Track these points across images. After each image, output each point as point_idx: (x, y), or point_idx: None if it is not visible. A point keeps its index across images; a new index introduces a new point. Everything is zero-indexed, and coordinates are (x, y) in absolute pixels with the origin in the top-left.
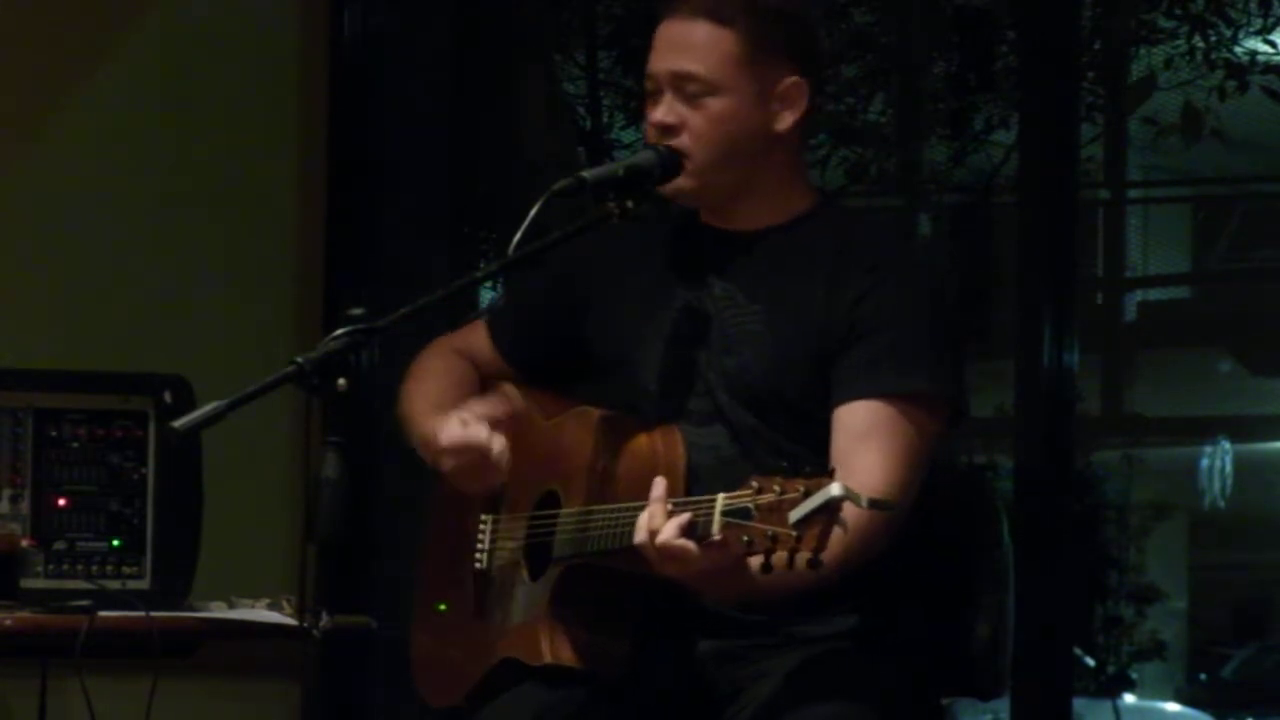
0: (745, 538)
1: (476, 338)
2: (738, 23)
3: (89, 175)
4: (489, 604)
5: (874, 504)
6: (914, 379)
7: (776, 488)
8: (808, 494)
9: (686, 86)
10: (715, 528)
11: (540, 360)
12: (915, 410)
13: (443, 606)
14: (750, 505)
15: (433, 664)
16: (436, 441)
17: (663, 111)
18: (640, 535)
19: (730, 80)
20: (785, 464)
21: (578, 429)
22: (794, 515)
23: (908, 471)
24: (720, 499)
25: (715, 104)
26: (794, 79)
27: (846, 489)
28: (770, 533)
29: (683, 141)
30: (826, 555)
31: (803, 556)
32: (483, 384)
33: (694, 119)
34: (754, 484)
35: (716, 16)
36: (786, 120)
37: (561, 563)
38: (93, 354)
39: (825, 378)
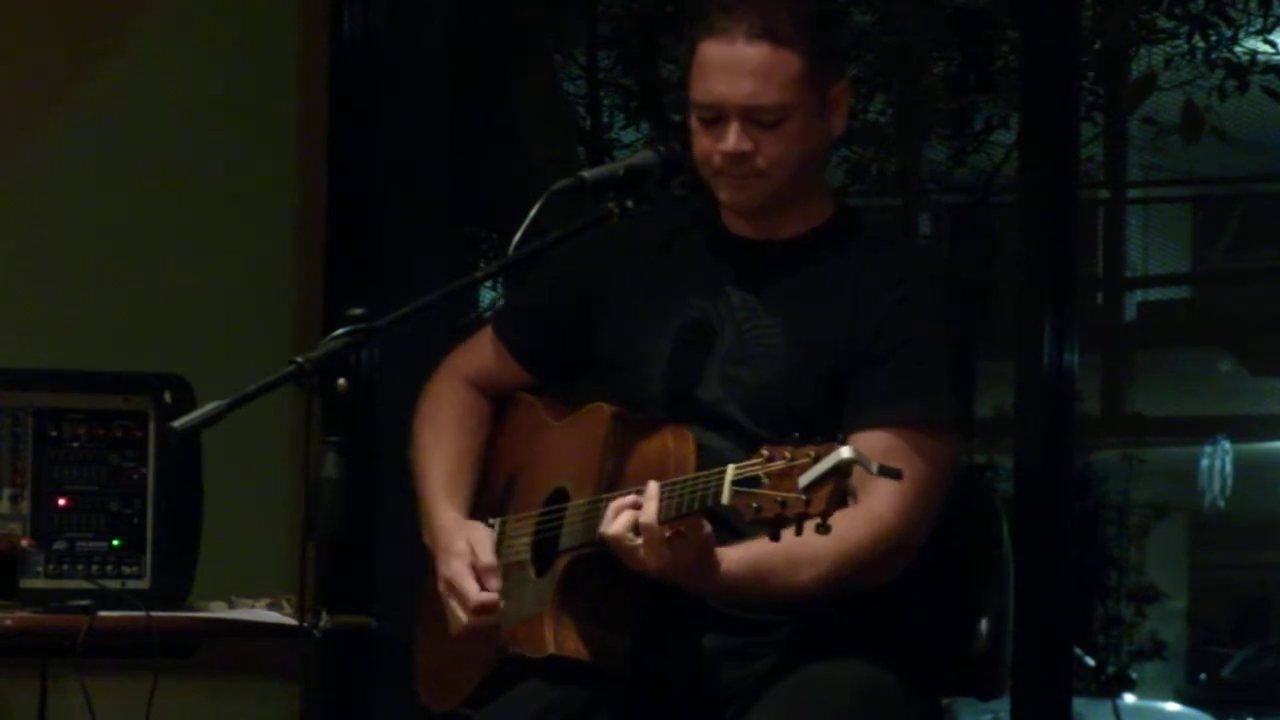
0: (755, 505)
1: (485, 348)
2: (795, 40)
3: (89, 175)
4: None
5: (884, 471)
6: (926, 409)
7: (787, 454)
8: (818, 459)
9: (760, 116)
10: (725, 496)
11: (552, 357)
12: (927, 439)
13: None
14: (760, 473)
15: (438, 670)
16: (442, 558)
17: (736, 140)
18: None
19: (799, 102)
20: (797, 434)
21: (589, 425)
22: (804, 479)
23: (920, 502)
24: (730, 468)
25: (789, 127)
26: (842, 82)
27: (857, 452)
28: (779, 498)
29: (758, 165)
30: (816, 571)
31: (811, 522)
32: (499, 400)
33: (768, 143)
34: (764, 452)
35: (774, 37)
36: (839, 124)
37: (568, 554)
38: (93, 354)
39: (839, 392)
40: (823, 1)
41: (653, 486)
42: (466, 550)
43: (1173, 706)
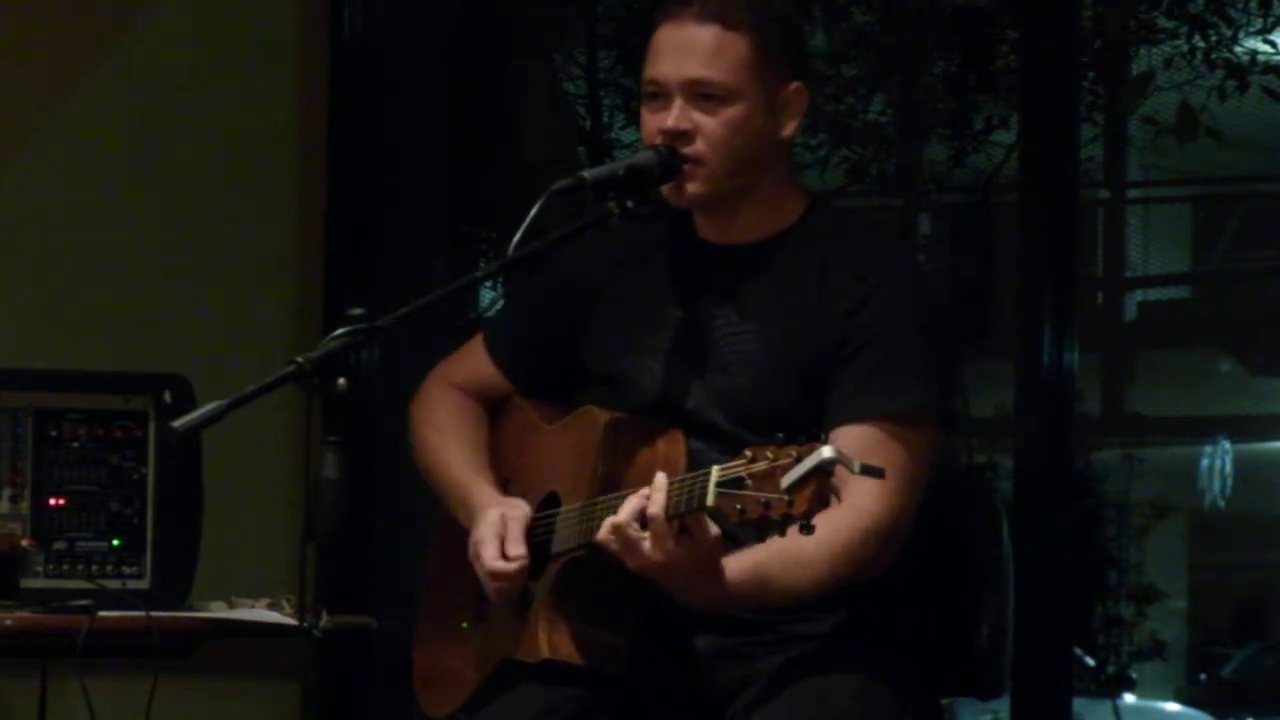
0: (739, 506)
1: (476, 360)
2: (746, 28)
3: (89, 175)
4: (490, 609)
5: (866, 470)
6: (905, 398)
7: (770, 455)
8: (800, 459)
9: (700, 92)
10: (710, 498)
11: (540, 375)
12: (907, 430)
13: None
14: (744, 474)
15: (435, 675)
16: (475, 524)
17: (676, 117)
18: (604, 527)
19: (744, 86)
20: (781, 434)
21: (581, 431)
22: (786, 480)
23: (902, 495)
24: (715, 470)
25: (729, 111)
26: (797, 84)
27: (838, 452)
28: (763, 499)
29: (697, 148)
30: (813, 573)
31: (795, 523)
32: (489, 406)
33: (708, 125)
34: (748, 453)
35: (725, 21)
36: (789, 127)
37: (561, 558)
38: (93, 354)
39: (818, 393)
40: (791, 5)
41: (661, 478)
42: (498, 520)
43: (1173, 706)
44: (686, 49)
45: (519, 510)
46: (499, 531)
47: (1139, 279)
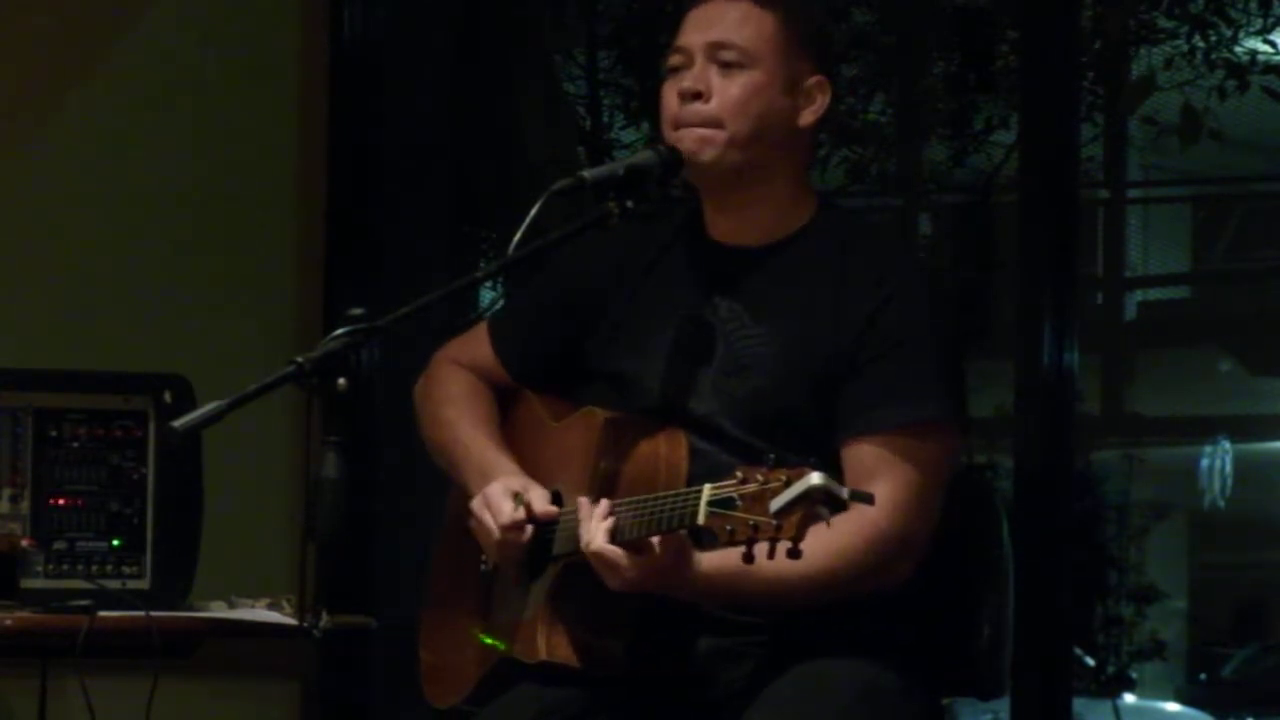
0: (729, 526)
1: (481, 350)
2: (777, 8)
3: (89, 175)
4: (492, 606)
5: (855, 496)
6: (921, 409)
7: (760, 478)
8: (789, 483)
9: (721, 54)
10: (701, 516)
11: (540, 372)
12: (923, 441)
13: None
14: (734, 495)
15: (439, 668)
16: (488, 490)
17: (693, 78)
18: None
19: (764, 56)
20: (773, 455)
21: (584, 430)
22: (774, 504)
23: (919, 504)
24: (706, 489)
25: (748, 76)
26: (820, 78)
27: (826, 479)
28: (752, 521)
29: (711, 108)
30: (803, 566)
31: (783, 546)
32: (495, 390)
33: (725, 87)
34: (739, 474)
35: (757, 0)
36: (808, 117)
37: (560, 560)
38: (93, 354)
39: (831, 398)
40: (821, 4)
41: (602, 507)
42: (517, 486)
43: (1173, 706)
44: (713, 18)
45: (539, 489)
46: (513, 493)
47: (1139, 279)
